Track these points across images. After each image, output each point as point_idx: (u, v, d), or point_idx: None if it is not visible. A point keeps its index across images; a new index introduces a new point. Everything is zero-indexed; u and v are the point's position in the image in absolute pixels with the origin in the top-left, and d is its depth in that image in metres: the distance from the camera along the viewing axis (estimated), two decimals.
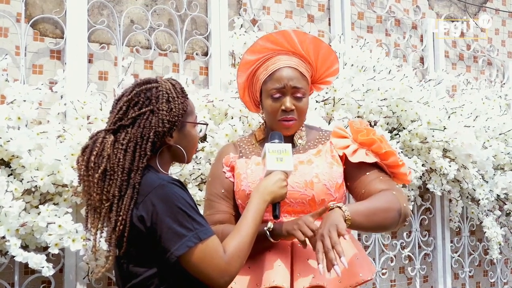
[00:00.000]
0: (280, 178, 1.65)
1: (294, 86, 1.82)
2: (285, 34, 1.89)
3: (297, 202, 1.80)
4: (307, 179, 1.80)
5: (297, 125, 1.87)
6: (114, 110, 1.55)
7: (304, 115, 1.88)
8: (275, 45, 1.89)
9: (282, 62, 1.85)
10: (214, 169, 1.97)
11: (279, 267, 1.74)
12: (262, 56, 1.89)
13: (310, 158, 1.85)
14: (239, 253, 1.50)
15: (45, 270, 2.19)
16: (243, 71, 1.94)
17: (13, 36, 2.53)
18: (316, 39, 1.92)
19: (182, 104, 1.56)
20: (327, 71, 1.94)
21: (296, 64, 1.86)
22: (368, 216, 1.72)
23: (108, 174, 1.47)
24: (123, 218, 1.45)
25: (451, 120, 3.29)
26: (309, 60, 1.90)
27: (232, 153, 1.94)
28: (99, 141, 1.50)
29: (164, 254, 1.44)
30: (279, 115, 1.84)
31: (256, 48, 1.91)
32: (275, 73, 1.84)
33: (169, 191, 1.45)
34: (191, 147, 1.64)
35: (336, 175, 1.83)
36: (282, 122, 1.84)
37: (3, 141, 2.19)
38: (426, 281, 3.78)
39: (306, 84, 1.87)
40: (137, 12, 2.85)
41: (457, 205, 3.61)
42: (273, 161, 1.66)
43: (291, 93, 1.83)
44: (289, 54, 1.88)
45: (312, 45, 1.89)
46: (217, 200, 1.90)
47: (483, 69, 4.28)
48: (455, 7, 4.20)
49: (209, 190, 1.95)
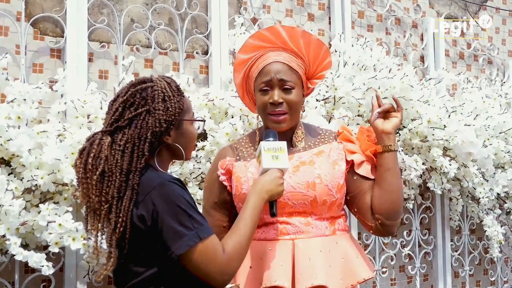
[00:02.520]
0: (276, 176, 1.65)
1: (281, 79, 1.81)
2: (274, 31, 1.88)
3: (299, 203, 1.79)
4: (309, 180, 1.79)
5: (288, 119, 1.84)
6: (110, 111, 1.54)
7: (295, 109, 1.85)
8: (266, 42, 1.88)
9: (271, 58, 1.84)
10: (209, 175, 1.97)
11: (281, 266, 1.74)
12: (254, 54, 1.89)
13: (312, 159, 1.84)
14: (238, 251, 1.50)
15: (45, 268, 2.19)
16: (238, 71, 1.94)
17: (13, 35, 2.53)
18: (305, 33, 1.90)
19: (178, 103, 1.55)
20: (320, 65, 1.91)
21: (286, 59, 1.84)
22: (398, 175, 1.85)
23: (106, 176, 1.47)
24: (123, 219, 1.45)
25: (451, 119, 3.28)
26: (301, 55, 1.88)
27: (229, 157, 1.92)
28: (96, 143, 1.49)
29: (165, 253, 1.44)
30: (268, 108, 1.83)
31: (248, 47, 1.91)
32: (264, 68, 1.84)
33: (169, 190, 1.45)
34: (190, 145, 1.63)
35: (338, 175, 1.83)
36: (271, 116, 1.83)
37: (4, 140, 2.19)
38: (426, 279, 3.78)
39: (296, 78, 1.84)
40: (137, 11, 2.85)
41: (457, 204, 3.61)
42: (269, 159, 1.65)
43: (278, 86, 1.81)
44: (279, 50, 1.87)
45: (302, 39, 1.88)
46: (210, 211, 1.91)
47: (484, 67, 4.27)
48: (455, 5, 4.19)
49: (204, 198, 1.98)
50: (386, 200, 1.81)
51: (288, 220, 1.80)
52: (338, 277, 1.75)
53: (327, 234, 1.81)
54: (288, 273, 1.73)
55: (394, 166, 1.83)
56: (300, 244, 1.77)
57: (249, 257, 1.82)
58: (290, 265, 1.75)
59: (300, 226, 1.79)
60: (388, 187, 1.81)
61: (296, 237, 1.78)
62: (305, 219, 1.80)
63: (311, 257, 1.74)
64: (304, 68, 1.88)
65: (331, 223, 1.84)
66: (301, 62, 1.88)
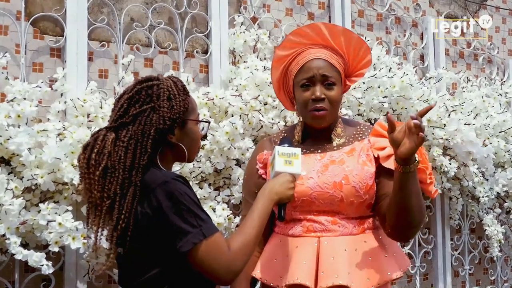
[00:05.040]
0: (287, 180, 1.65)
1: (323, 74, 1.81)
2: (315, 28, 1.88)
3: (326, 202, 1.79)
4: (337, 180, 1.78)
5: (329, 116, 1.84)
6: (116, 108, 1.55)
7: (336, 106, 1.85)
8: (306, 39, 1.88)
9: (312, 55, 1.85)
10: (249, 166, 1.98)
11: (304, 264, 1.75)
12: (293, 51, 1.89)
13: (343, 158, 1.83)
14: (244, 250, 1.50)
15: (44, 268, 2.19)
16: (276, 68, 1.94)
17: (13, 34, 2.52)
18: (346, 30, 1.91)
19: (184, 102, 1.56)
20: (359, 63, 1.91)
21: (326, 55, 1.84)
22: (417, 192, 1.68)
23: (109, 172, 1.47)
24: (126, 216, 1.45)
25: (451, 118, 3.28)
26: (341, 53, 1.88)
27: (266, 150, 1.94)
28: (100, 139, 1.50)
29: (169, 250, 1.44)
30: (310, 105, 1.83)
31: (288, 44, 1.91)
32: (305, 64, 1.84)
33: (174, 187, 1.45)
34: (194, 146, 1.63)
35: (367, 176, 1.81)
36: (313, 112, 1.83)
37: (3, 139, 2.19)
38: (426, 279, 3.78)
39: (337, 74, 1.84)
40: (137, 10, 2.85)
41: (457, 203, 3.61)
42: (282, 163, 1.67)
43: (321, 81, 1.81)
44: (320, 47, 1.87)
45: (343, 37, 1.87)
46: (251, 200, 1.89)
47: (484, 67, 4.27)
48: (455, 5, 4.19)
49: (244, 189, 1.99)
50: (393, 215, 1.73)
51: (315, 218, 1.81)
52: (365, 276, 1.75)
53: (354, 233, 1.81)
54: (311, 271, 1.73)
55: (405, 187, 1.67)
56: (325, 242, 1.77)
57: (275, 250, 1.85)
58: (314, 263, 1.75)
59: (327, 225, 1.79)
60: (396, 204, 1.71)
61: (322, 235, 1.79)
62: (332, 218, 1.80)
63: (334, 256, 1.74)
64: (343, 65, 1.88)
65: (360, 222, 1.83)
66: (341, 59, 1.87)
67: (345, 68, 1.89)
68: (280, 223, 1.88)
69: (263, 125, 2.73)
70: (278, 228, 1.91)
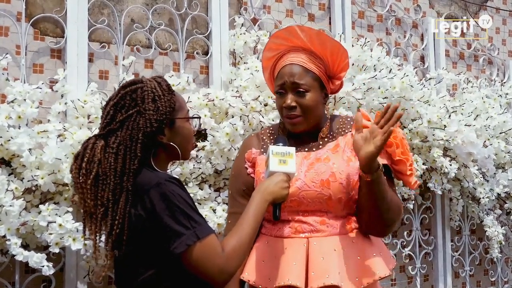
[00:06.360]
0: (282, 179, 1.64)
1: (294, 82, 1.80)
2: (292, 31, 1.87)
3: (314, 201, 1.79)
4: (324, 178, 1.78)
5: (304, 122, 1.83)
6: (103, 115, 1.55)
7: (311, 112, 1.83)
8: (286, 41, 1.88)
9: (288, 60, 1.84)
10: (237, 164, 1.96)
11: (294, 265, 1.74)
12: (277, 53, 1.89)
13: (328, 155, 1.83)
14: (238, 252, 1.50)
15: (45, 269, 2.19)
16: (266, 68, 1.95)
17: (14, 35, 2.53)
18: (320, 33, 1.88)
19: (169, 101, 1.55)
20: (339, 66, 1.89)
21: (303, 60, 1.83)
22: (385, 196, 1.73)
23: (101, 179, 1.48)
24: (119, 221, 1.45)
25: (451, 119, 3.29)
26: (320, 56, 1.86)
27: (254, 147, 1.92)
28: (90, 147, 1.50)
29: (163, 252, 1.44)
30: (284, 112, 1.84)
31: (271, 46, 1.91)
32: (280, 70, 1.85)
33: (167, 189, 1.45)
34: (186, 143, 1.62)
35: (353, 172, 1.80)
36: (287, 119, 1.84)
37: (4, 140, 2.20)
38: (426, 280, 3.78)
39: (310, 79, 1.82)
40: (138, 11, 2.85)
41: (458, 204, 3.61)
42: (276, 163, 1.66)
43: (291, 89, 1.81)
44: (299, 50, 1.86)
45: (317, 40, 1.86)
46: (238, 197, 1.90)
47: (484, 68, 4.27)
48: (455, 6, 4.19)
49: (232, 186, 1.95)
50: (365, 217, 1.79)
51: (303, 219, 1.80)
52: (354, 275, 1.75)
53: (343, 232, 1.81)
54: (301, 272, 1.73)
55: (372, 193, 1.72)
56: (314, 243, 1.76)
57: (263, 252, 1.83)
58: (304, 264, 1.75)
59: (315, 225, 1.79)
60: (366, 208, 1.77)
61: (311, 235, 1.78)
62: (320, 218, 1.80)
63: (324, 256, 1.74)
64: (324, 67, 1.86)
65: (348, 221, 1.83)
66: (320, 62, 1.86)
67: (326, 70, 1.87)
68: (268, 224, 1.87)
69: (263, 126, 2.73)
70: (265, 229, 1.89)
